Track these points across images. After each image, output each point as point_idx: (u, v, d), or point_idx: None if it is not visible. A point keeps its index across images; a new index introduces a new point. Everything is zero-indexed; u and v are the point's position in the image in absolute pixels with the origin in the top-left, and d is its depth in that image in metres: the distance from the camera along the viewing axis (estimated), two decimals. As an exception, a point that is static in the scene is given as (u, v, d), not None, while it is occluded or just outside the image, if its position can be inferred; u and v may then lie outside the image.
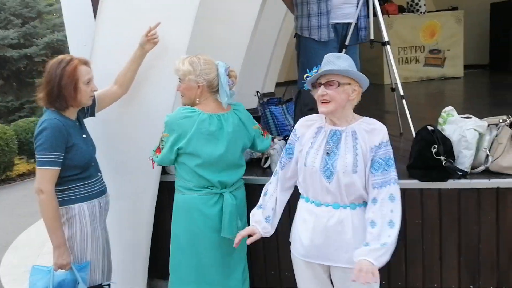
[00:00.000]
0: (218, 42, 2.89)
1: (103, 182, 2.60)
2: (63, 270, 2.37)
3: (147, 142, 2.78)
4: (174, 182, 2.92)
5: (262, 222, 2.20)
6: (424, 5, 7.50)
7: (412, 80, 7.58)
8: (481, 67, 8.57)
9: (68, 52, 3.01)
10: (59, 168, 2.33)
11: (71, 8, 3.31)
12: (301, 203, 2.23)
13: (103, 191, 2.57)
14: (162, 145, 2.49)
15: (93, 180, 2.50)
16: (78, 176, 2.42)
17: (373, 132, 2.04)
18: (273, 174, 2.30)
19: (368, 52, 4.86)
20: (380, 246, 1.93)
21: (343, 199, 2.06)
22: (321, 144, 2.11)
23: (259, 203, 2.26)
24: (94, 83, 2.48)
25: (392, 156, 2.03)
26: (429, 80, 7.77)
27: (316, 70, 2.05)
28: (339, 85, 2.02)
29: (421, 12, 7.51)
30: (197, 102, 2.47)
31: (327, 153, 2.07)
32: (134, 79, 2.74)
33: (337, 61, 2.05)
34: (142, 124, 2.80)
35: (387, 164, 2.00)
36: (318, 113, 2.27)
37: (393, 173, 2.01)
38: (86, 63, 2.44)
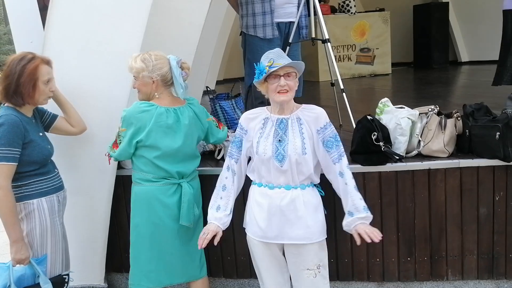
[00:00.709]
0: (169, 39, 2.97)
1: (61, 178, 2.63)
2: (22, 265, 2.38)
3: (102, 137, 2.83)
4: (129, 176, 2.99)
5: (223, 218, 2.38)
6: (354, 6, 7.95)
7: (345, 77, 7.98)
8: (406, 64, 9.21)
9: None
10: (16, 164, 2.33)
11: (15, 3, 3.26)
12: (254, 189, 2.41)
13: (61, 187, 2.60)
14: (120, 140, 2.56)
15: (51, 175, 2.53)
16: (36, 171, 2.44)
17: (317, 117, 2.28)
18: (225, 168, 2.44)
19: (303, 50, 5.12)
20: (363, 210, 2.24)
21: (294, 180, 2.28)
22: (269, 133, 2.31)
23: (216, 202, 2.39)
24: (53, 83, 2.51)
25: (336, 133, 2.30)
26: (360, 77, 8.24)
27: (269, 64, 2.21)
28: (296, 76, 2.26)
29: (351, 13, 7.94)
30: (156, 96, 2.56)
31: (279, 140, 2.27)
32: (88, 76, 2.79)
33: (284, 56, 2.28)
34: (98, 119, 2.84)
35: (336, 140, 2.27)
36: (267, 105, 2.47)
37: (342, 146, 2.29)
38: (48, 62, 2.47)
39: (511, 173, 2.71)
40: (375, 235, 2.15)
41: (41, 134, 2.53)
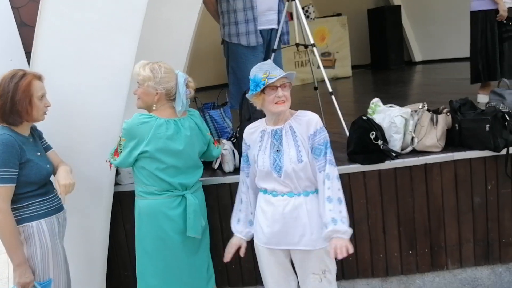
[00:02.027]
0: (159, 50, 2.94)
1: (60, 199, 2.54)
2: None
3: (98, 154, 2.76)
4: (126, 192, 2.94)
5: (244, 230, 2.48)
6: (314, 12, 8.12)
7: (308, 82, 8.12)
8: (364, 66, 9.49)
9: None
10: (14, 185, 2.25)
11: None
12: (260, 196, 2.43)
13: (61, 207, 2.52)
14: (120, 149, 2.53)
15: (50, 196, 2.44)
16: (34, 192, 2.35)
17: (307, 123, 2.28)
18: (241, 182, 2.52)
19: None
20: (341, 222, 2.17)
21: (296, 188, 2.28)
22: (266, 145, 2.34)
23: (236, 216, 2.51)
24: (47, 98, 2.44)
25: (328, 139, 2.27)
26: (323, 80, 8.36)
27: (265, 75, 2.19)
28: (290, 87, 2.28)
29: (311, 19, 8.11)
30: (154, 108, 2.54)
31: (277, 150, 2.29)
32: (81, 92, 2.72)
33: (277, 67, 2.28)
34: (93, 136, 2.76)
35: (326, 147, 2.25)
36: (262, 113, 2.49)
37: (330, 154, 2.25)
38: (39, 78, 2.40)
39: (500, 163, 2.86)
40: (341, 252, 2.12)
41: (39, 153, 2.44)
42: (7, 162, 2.22)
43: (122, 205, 3.04)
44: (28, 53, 2.88)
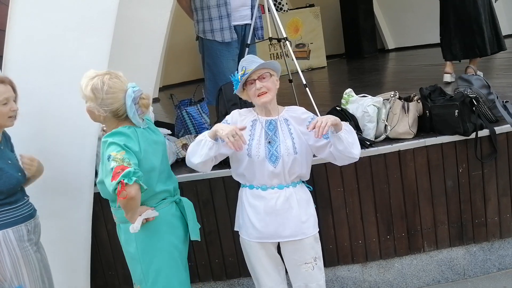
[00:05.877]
0: (133, 49, 2.96)
1: (31, 205, 2.46)
2: None
3: (75, 155, 2.76)
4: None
5: None
6: (286, 3, 8.15)
7: (283, 74, 8.15)
8: (339, 56, 9.58)
9: None
10: None
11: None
12: (245, 191, 2.43)
13: (31, 215, 2.41)
14: (127, 162, 2.07)
15: (19, 204, 2.36)
16: (1, 202, 2.28)
17: (300, 117, 2.37)
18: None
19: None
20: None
21: (286, 180, 2.35)
22: (260, 135, 2.35)
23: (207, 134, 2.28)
24: (14, 103, 2.34)
25: None
26: (297, 72, 8.43)
27: (242, 72, 2.27)
28: (270, 76, 2.32)
29: (284, 11, 8.14)
30: (104, 129, 2.35)
31: (269, 142, 2.33)
32: (55, 94, 2.70)
33: (257, 60, 2.34)
34: (69, 138, 2.75)
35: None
36: (240, 108, 2.52)
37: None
38: (3, 81, 2.30)
39: (470, 146, 2.97)
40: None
41: (9, 162, 2.38)
42: None
43: (103, 205, 3.04)
44: (-1, 57, 2.86)
